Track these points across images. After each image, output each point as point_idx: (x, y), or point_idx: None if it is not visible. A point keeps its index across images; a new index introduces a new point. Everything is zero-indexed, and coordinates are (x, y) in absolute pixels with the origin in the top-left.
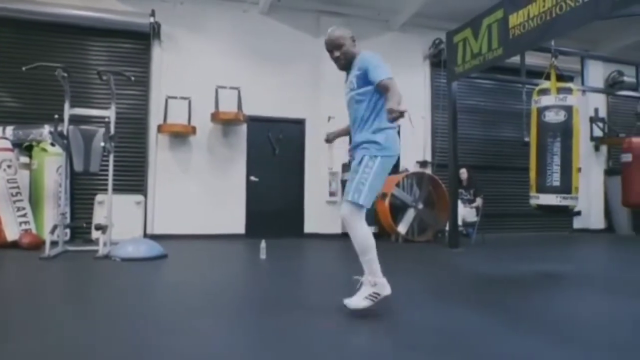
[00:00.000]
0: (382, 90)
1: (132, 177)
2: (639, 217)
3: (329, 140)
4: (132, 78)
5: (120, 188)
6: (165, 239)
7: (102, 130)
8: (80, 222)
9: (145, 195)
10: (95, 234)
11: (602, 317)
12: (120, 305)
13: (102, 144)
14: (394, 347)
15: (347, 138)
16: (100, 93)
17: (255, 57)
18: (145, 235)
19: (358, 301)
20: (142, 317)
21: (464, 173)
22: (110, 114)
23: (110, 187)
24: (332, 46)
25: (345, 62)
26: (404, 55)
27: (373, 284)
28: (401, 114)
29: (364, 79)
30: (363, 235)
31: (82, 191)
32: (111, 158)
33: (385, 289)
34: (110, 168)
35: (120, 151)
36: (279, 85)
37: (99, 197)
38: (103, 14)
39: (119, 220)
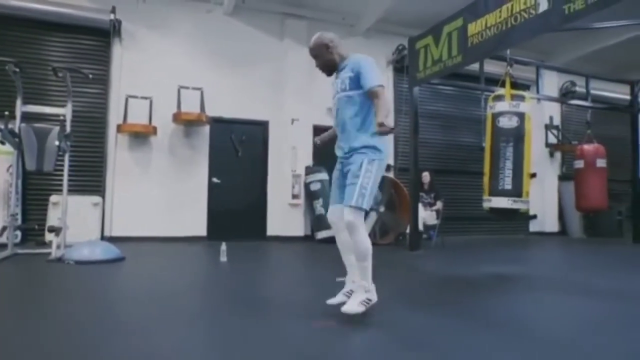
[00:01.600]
0: (371, 97)
1: (90, 178)
2: (591, 220)
3: (319, 144)
4: (90, 76)
5: (77, 189)
6: (124, 241)
7: (57, 128)
8: (32, 224)
9: (104, 197)
10: (48, 237)
11: (549, 314)
12: (70, 309)
13: (57, 142)
14: (355, 346)
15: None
16: (57, 90)
17: (219, 58)
18: (103, 237)
19: (354, 307)
20: (92, 320)
21: (426, 176)
22: (66, 112)
23: (65, 187)
24: (312, 55)
25: (326, 69)
26: None
27: (367, 290)
28: (391, 130)
29: (357, 81)
30: (366, 240)
31: (35, 191)
32: (67, 157)
33: (374, 296)
34: (66, 168)
35: (77, 150)
36: (242, 86)
37: (53, 198)
38: (61, 8)
39: (75, 222)
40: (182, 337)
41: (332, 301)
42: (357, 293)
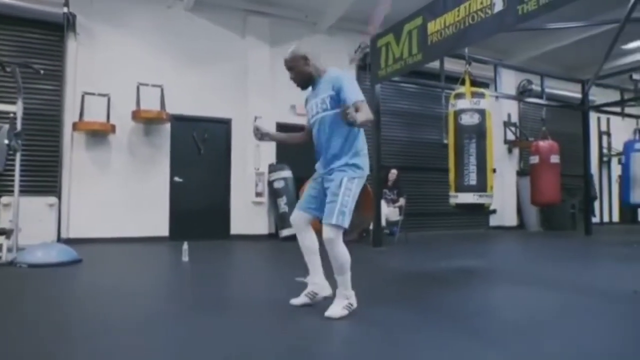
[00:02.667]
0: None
1: (44, 178)
2: (546, 214)
3: (261, 137)
4: (41, 71)
5: (31, 189)
6: (82, 243)
7: (6, 126)
8: None
9: (60, 197)
10: None
11: (509, 305)
12: (20, 313)
13: (7, 141)
14: (319, 340)
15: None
16: (6, 86)
17: (180, 54)
18: (60, 239)
19: (338, 311)
20: (44, 325)
21: (393, 174)
22: (16, 109)
23: (16, 188)
24: (287, 67)
25: (302, 82)
26: (331, 57)
27: (347, 297)
28: (353, 122)
29: (338, 99)
30: (344, 254)
31: None
32: (18, 157)
33: (355, 300)
34: (17, 168)
35: (31, 149)
36: (204, 84)
37: (4, 199)
38: None
39: (29, 223)
40: (138, 338)
41: (295, 302)
42: (340, 299)
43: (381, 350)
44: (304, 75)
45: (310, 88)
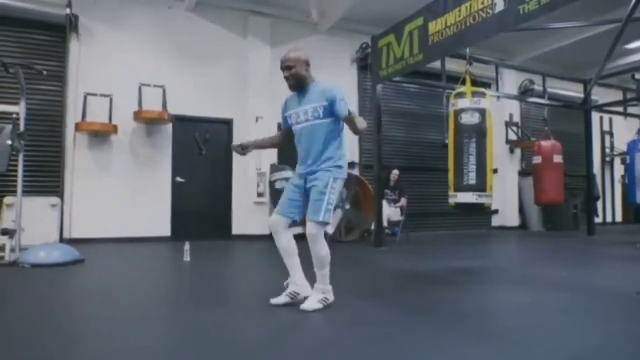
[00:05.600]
0: (348, 122)
1: (47, 178)
2: (549, 214)
3: (242, 152)
4: (44, 72)
5: (34, 190)
6: (85, 243)
7: (9, 127)
8: None
9: (62, 198)
10: (2, 240)
11: (508, 307)
12: (23, 313)
13: (10, 142)
14: (317, 340)
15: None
16: (9, 87)
17: (181, 55)
18: (62, 240)
19: (314, 304)
20: (48, 324)
21: (395, 174)
22: (20, 110)
23: (20, 188)
24: (284, 66)
25: (294, 84)
26: (333, 58)
27: (324, 292)
28: (361, 129)
29: (330, 110)
30: (326, 250)
31: None
32: (21, 157)
33: (332, 295)
34: (20, 168)
35: (34, 150)
36: (205, 84)
37: (7, 200)
38: (13, 1)
39: (32, 224)
40: (142, 337)
41: (275, 301)
42: (316, 293)
43: (378, 350)
44: (301, 78)
45: (294, 93)
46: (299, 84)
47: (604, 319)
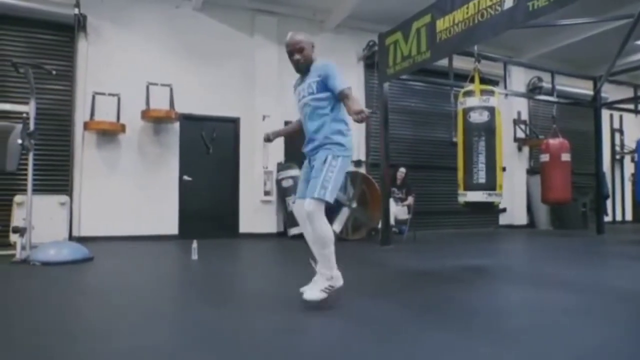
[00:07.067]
0: (342, 98)
1: (56, 177)
2: (557, 213)
3: (270, 139)
4: (54, 72)
5: (43, 188)
6: (93, 241)
7: (19, 126)
8: None
9: (71, 196)
10: (13, 238)
11: (515, 306)
12: (35, 310)
13: (20, 141)
14: (325, 341)
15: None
16: (18, 87)
17: (188, 54)
18: (71, 237)
19: (315, 293)
20: (58, 321)
21: (402, 173)
22: (29, 109)
23: (29, 187)
24: (295, 49)
25: (303, 66)
26: (339, 55)
27: (329, 278)
28: (367, 117)
29: (323, 85)
30: (325, 229)
31: None
32: (31, 156)
33: (339, 281)
34: (30, 167)
35: (43, 149)
36: (212, 83)
37: (17, 198)
38: (22, 1)
39: (42, 222)
40: (150, 335)
41: (305, 289)
42: (319, 281)
43: (387, 350)
44: (307, 59)
45: (299, 76)
46: (307, 66)
47: (615, 318)
